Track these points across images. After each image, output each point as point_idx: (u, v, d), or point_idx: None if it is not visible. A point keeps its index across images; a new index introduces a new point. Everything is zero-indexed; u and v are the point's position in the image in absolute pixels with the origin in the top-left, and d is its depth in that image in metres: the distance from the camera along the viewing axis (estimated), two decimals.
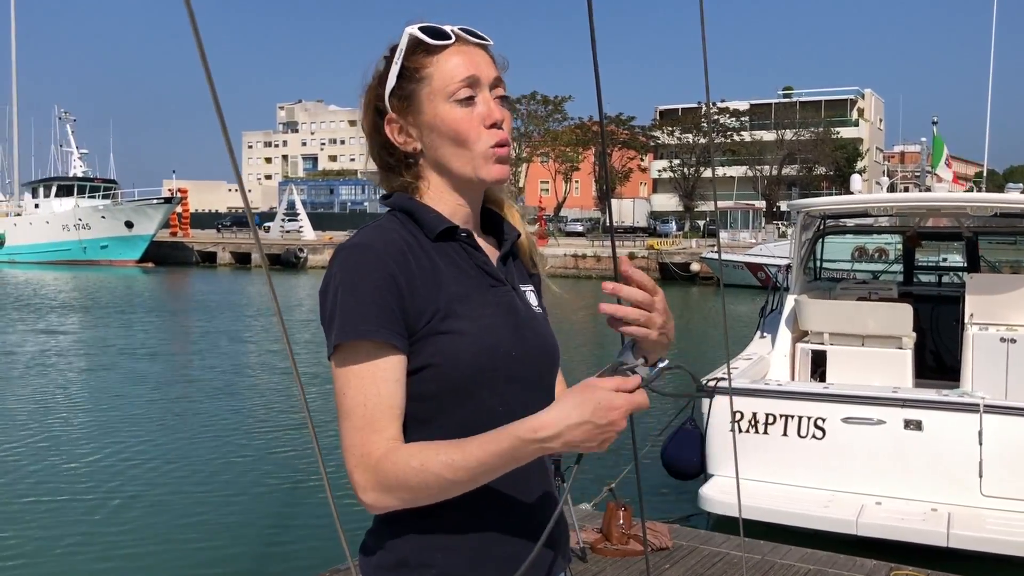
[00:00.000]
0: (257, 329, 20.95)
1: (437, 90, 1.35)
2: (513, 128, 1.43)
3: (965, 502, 5.76)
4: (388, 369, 1.28)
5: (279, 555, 6.54)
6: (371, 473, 1.24)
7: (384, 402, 1.27)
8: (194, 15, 0.76)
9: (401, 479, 1.22)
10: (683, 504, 7.17)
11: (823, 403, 6.18)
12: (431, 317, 1.30)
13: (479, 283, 1.38)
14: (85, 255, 49.12)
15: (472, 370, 1.31)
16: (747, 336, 8.72)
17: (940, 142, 8.83)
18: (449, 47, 1.36)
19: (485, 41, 1.41)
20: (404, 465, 1.22)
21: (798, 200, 8.95)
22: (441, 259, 1.36)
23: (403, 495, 1.24)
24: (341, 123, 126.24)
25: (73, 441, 9.80)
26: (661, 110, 78.35)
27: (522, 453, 1.20)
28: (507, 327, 1.37)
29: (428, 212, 1.39)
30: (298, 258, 46.37)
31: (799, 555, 5.04)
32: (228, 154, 0.90)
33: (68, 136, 55.14)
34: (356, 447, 1.25)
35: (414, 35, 1.36)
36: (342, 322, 1.27)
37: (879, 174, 18.35)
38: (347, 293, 1.28)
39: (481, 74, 1.37)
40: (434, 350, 1.30)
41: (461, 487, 1.23)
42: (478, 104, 1.36)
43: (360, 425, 1.26)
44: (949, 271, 11.17)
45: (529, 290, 1.50)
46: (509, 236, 1.48)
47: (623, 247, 43.00)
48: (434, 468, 1.21)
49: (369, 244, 1.31)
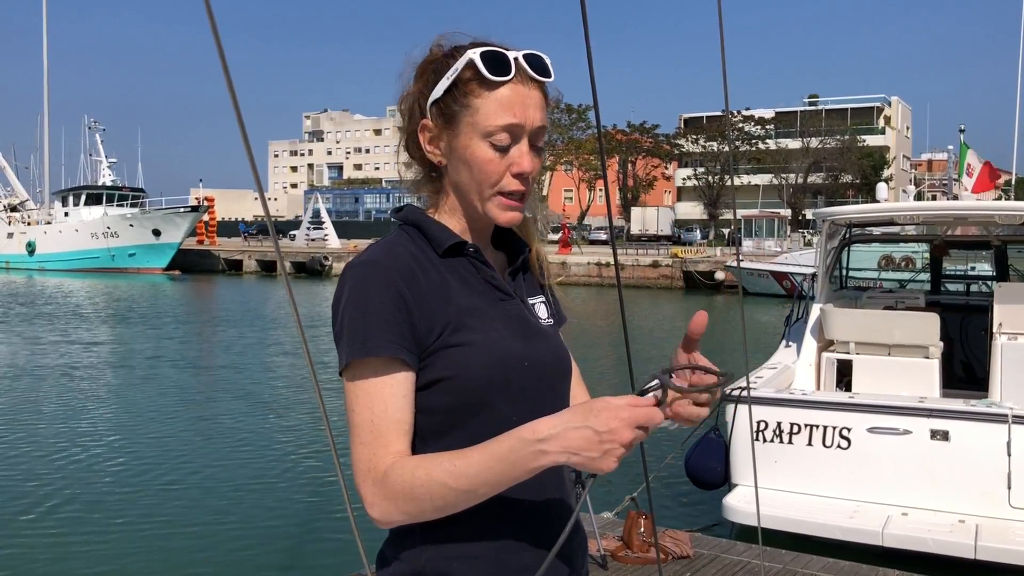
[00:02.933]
0: (281, 338, 21.09)
1: (478, 123, 1.33)
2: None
3: (993, 514, 5.68)
4: (395, 385, 1.29)
5: (298, 563, 6.57)
6: (378, 487, 1.25)
7: (391, 417, 1.28)
8: (216, 28, 0.78)
9: (406, 490, 1.22)
10: (708, 514, 7.14)
11: (848, 413, 6.13)
12: (442, 331, 1.31)
13: (488, 297, 1.39)
14: (113, 263, 49.71)
15: (484, 381, 1.32)
16: (772, 345, 8.67)
17: (964, 150, 8.75)
18: (504, 84, 1.32)
19: (545, 78, 1.37)
20: (409, 476, 1.23)
21: (824, 208, 8.91)
22: (449, 274, 1.37)
23: (409, 507, 1.24)
24: (366, 132, 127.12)
25: (98, 446, 9.91)
26: (685, 118, 78.19)
27: (521, 456, 1.18)
28: (517, 338, 1.38)
29: (437, 227, 1.40)
30: (323, 266, 46.63)
31: (821, 564, 5.00)
32: (249, 163, 0.91)
33: (97, 145, 55.86)
34: (363, 461, 1.26)
35: (474, 62, 1.32)
36: (350, 339, 1.28)
37: (906, 182, 18.20)
38: (355, 311, 1.29)
39: (527, 122, 1.33)
40: (446, 363, 1.31)
41: (466, 496, 1.22)
42: (511, 152, 1.34)
43: (367, 440, 1.27)
44: (977, 280, 11.04)
45: (539, 302, 1.50)
46: (520, 252, 1.49)
47: (647, 255, 42.85)
48: (438, 476, 1.21)
49: (377, 261, 1.32)
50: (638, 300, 32.02)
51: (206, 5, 0.72)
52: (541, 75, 1.35)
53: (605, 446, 1.13)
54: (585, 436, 1.14)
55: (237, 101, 0.81)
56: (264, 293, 36.42)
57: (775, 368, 7.45)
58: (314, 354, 1.20)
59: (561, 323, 1.57)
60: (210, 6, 0.78)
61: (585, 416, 1.15)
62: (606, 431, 1.13)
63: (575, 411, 1.17)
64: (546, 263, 1.56)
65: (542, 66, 1.36)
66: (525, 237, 1.52)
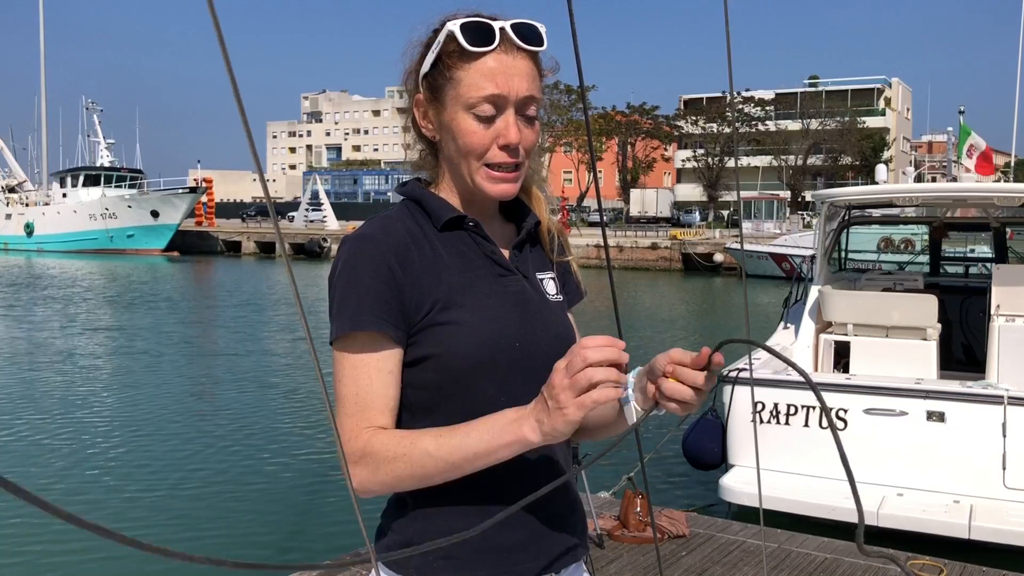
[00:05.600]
0: (280, 318, 21.13)
1: (461, 96, 1.31)
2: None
3: (988, 494, 5.72)
4: (381, 360, 1.30)
5: (301, 541, 6.62)
6: (360, 454, 1.27)
7: (375, 391, 1.30)
8: (214, 9, 0.79)
9: (388, 457, 1.24)
10: (705, 494, 7.19)
11: (845, 394, 6.15)
12: (431, 308, 1.32)
13: (486, 272, 1.38)
14: (112, 244, 49.68)
15: (470, 361, 1.32)
16: (770, 327, 8.69)
17: (966, 132, 8.73)
18: (487, 54, 1.29)
19: (534, 47, 1.32)
20: (394, 445, 1.25)
21: (823, 190, 8.89)
22: (446, 249, 1.37)
23: (387, 475, 1.25)
24: (365, 113, 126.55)
25: (98, 427, 9.95)
26: (685, 99, 77.86)
27: (500, 425, 1.20)
28: (512, 317, 1.37)
29: (437, 202, 1.40)
30: (321, 248, 46.62)
31: (816, 544, 5.04)
32: (249, 146, 0.92)
33: (95, 126, 55.71)
34: (346, 432, 1.29)
35: (453, 34, 1.30)
36: (340, 312, 1.30)
37: (906, 164, 18.19)
38: (346, 284, 1.31)
39: (511, 92, 1.30)
40: (433, 341, 1.32)
41: (446, 467, 1.23)
42: (497, 123, 1.32)
43: (352, 412, 1.29)
44: (976, 262, 11.04)
45: (548, 277, 1.48)
46: (527, 223, 1.46)
47: (646, 237, 42.83)
48: (422, 444, 1.24)
49: (370, 236, 1.33)
50: (637, 282, 32.03)
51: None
52: (530, 44, 1.31)
53: (549, 402, 1.14)
54: (536, 403, 1.17)
55: (236, 84, 0.82)
56: (263, 274, 36.42)
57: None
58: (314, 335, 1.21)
59: (576, 300, 1.56)
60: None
61: (548, 387, 1.16)
62: (546, 387, 1.15)
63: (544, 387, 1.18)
64: (564, 239, 1.55)
65: (532, 34, 1.32)
66: (537, 208, 1.50)
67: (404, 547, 1.35)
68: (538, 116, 1.36)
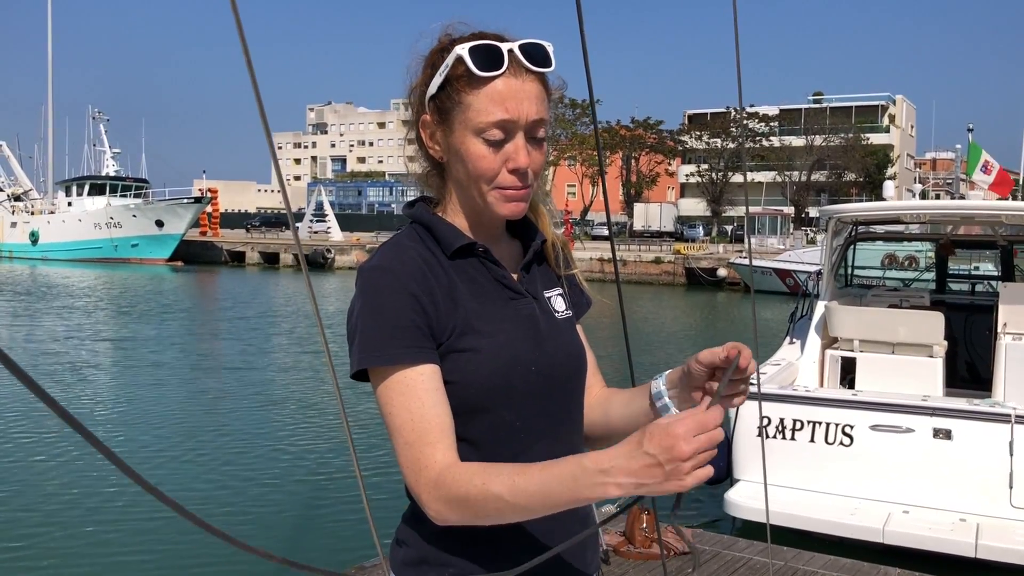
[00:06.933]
0: (288, 328, 21.12)
1: (470, 120, 1.29)
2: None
3: (994, 513, 5.69)
4: (426, 380, 1.27)
5: (312, 549, 6.60)
6: (432, 487, 1.22)
7: (428, 412, 1.25)
8: (241, 24, 0.79)
9: (461, 497, 1.20)
10: (709, 509, 7.16)
11: (851, 410, 6.14)
12: (450, 335, 1.31)
13: (497, 297, 1.38)
14: (116, 253, 49.75)
15: (486, 388, 1.31)
16: (775, 342, 8.68)
17: (977, 149, 8.73)
18: (496, 79, 1.28)
19: (542, 68, 1.31)
20: (466, 483, 1.20)
21: (830, 206, 8.90)
22: (458, 275, 1.36)
23: (465, 513, 1.22)
24: (370, 125, 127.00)
25: (105, 434, 9.94)
26: (690, 114, 78.05)
27: (584, 483, 1.13)
28: (526, 340, 1.36)
29: (445, 227, 1.38)
30: (326, 259, 46.67)
31: (822, 562, 5.02)
32: (271, 155, 0.93)
33: (101, 135, 55.96)
34: (411, 461, 1.25)
35: (461, 58, 1.28)
36: (369, 345, 1.27)
37: (910, 181, 18.18)
38: (372, 317, 1.28)
39: (520, 116, 1.29)
40: (451, 367, 1.30)
41: (521, 512, 1.19)
42: (507, 147, 1.30)
43: (411, 440, 1.25)
44: (983, 280, 11.03)
45: (556, 294, 1.48)
46: (534, 243, 1.46)
47: (650, 251, 42.84)
48: (495, 489, 1.18)
49: (388, 267, 1.31)
50: (640, 296, 32.01)
51: (232, 4, 0.73)
52: (538, 65, 1.30)
53: (667, 467, 1.08)
54: (642, 463, 1.09)
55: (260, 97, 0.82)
56: (267, 285, 36.45)
57: (779, 364, 7.46)
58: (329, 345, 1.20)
59: (583, 310, 1.55)
60: (235, 5, 0.80)
61: (639, 443, 1.10)
62: (661, 451, 1.07)
63: (629, 440, 1.13)
64: (569, 252, 1.54)
65: (540, 55, 1.30)
66: (542, 225, 1.50)
67: (420, 563, 1.34)
68: (546, 137, 1.35)
